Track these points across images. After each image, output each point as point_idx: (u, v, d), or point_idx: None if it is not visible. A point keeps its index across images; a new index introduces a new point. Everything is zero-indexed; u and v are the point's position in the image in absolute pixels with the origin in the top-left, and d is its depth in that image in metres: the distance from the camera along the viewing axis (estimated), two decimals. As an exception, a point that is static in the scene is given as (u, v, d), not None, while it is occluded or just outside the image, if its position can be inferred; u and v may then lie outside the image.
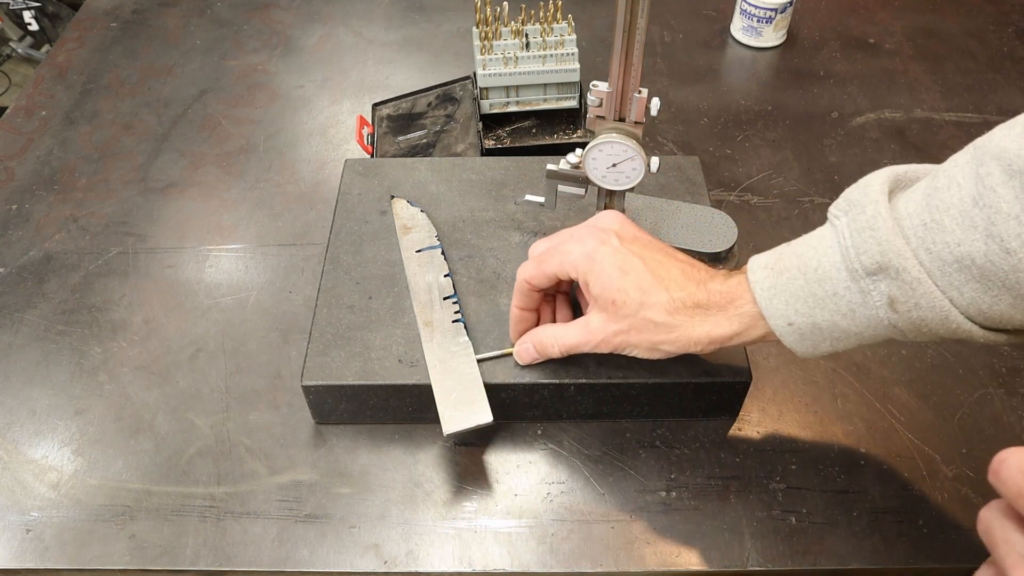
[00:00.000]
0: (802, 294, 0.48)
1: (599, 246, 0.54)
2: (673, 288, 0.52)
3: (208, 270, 0.76)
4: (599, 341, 0.54)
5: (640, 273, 0.52)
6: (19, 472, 0.62)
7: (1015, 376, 0.67)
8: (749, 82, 0.99)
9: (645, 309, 0.52)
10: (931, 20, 1.08)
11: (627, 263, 0.53)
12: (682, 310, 0.51)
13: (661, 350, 0.53)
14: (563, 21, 0.83)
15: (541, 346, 0.58)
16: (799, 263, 0.48)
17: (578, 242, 0.55)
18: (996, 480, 0.35)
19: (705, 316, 0.51)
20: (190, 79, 0.99)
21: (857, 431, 0.63)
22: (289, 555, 0.57)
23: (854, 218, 0.46)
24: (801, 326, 0.48)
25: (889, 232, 0.44)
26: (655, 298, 0.52)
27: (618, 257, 0.53)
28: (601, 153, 0.60)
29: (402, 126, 0.88)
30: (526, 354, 0.59)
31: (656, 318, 0.52)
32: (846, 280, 0.46)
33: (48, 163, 0.88)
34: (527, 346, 0.59)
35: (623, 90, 0.58)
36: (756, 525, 0.58)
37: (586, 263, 0.53)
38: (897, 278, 0.44)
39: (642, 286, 0.52)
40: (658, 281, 0.52)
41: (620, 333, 0.53)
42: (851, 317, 0.47)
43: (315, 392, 0.60)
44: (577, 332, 0.55)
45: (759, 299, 0.49)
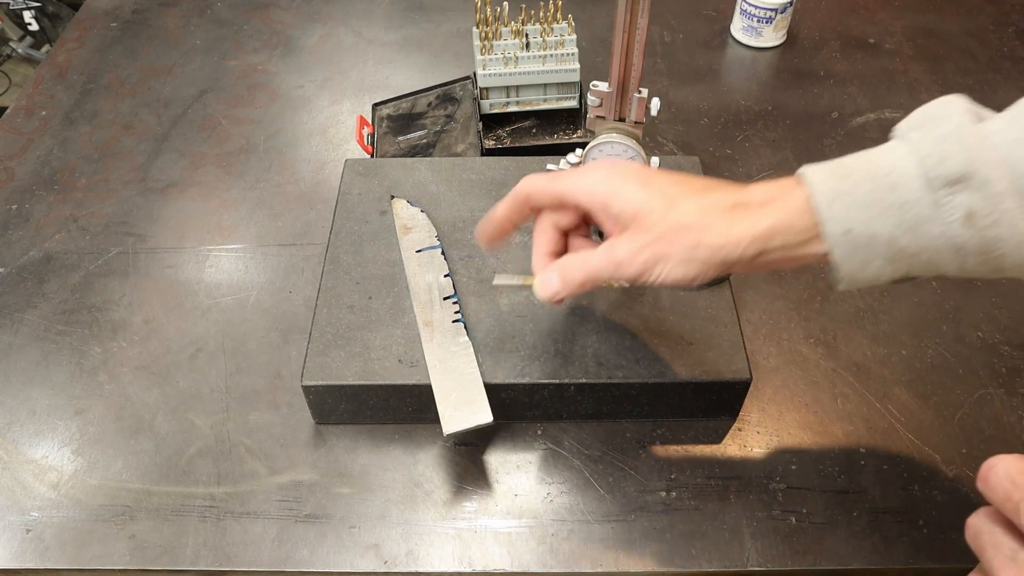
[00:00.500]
0: (869, 199, 0.42)
1: (611, 170, 0.49)
2: (703, 193, 0.47)
3: (208, 270, 0.76)
4: (622, 260, 0.47)
5: (664, 182, 0.48)
6: (19, 472, 0.62)
7: (1015, 376, 0.67)
8: (749, 82, 0.99)
9: (673, 213, 0.46)
10: (931, 20, 1.08)
11: (648, 177, 0.48)
12: (715, 210, 0.46)
13: (697, 259, 0.46)
14: (563, 21, 0.83)
15: (565, 274, 0.50)
16: (867, 167, 0.43)
17: (593, 169, 0.50)
18: (984, 486, 0.35)
19: (744, 214, 0.45)
20: (190, 79, 0.99)
21: (857, 431, 0.63)
22: (289, 555, 0.57)
23: (933, 129, 0.42)
24: (859, 236, 0.43)
25: (976, 141, 0.41)
26: (683, 202, 0.46)
27: (638, 174, 0.48)
28: (601, 153, 0.59)
29: (402, 126, 0.88)
30: (547, 285, 0.51)
31: (687, 220, 0.46)
32: (920, 190, 0.42)
33: (48, 163, 0.88)
34: (550, 275, 0.51)
35: (623, 90, 0.58)
36: (756, 525, 0.58)
37: (603, 185, 0.48)
38: (981, 190, 0.40)
39: (667, 192, 0.47)
40: (682, 189, 0.47)
41: (648, 245, 0.46)
42: (915, 232, 0.42)
43: (315, 392, 0.60)
44: (602, 256, 0.48)
45: (817, 201, 0.43)
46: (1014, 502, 0.34)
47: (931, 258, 0.43)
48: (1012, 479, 0.34)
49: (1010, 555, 0.34)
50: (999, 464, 0.35)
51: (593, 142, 0.59)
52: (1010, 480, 0.34)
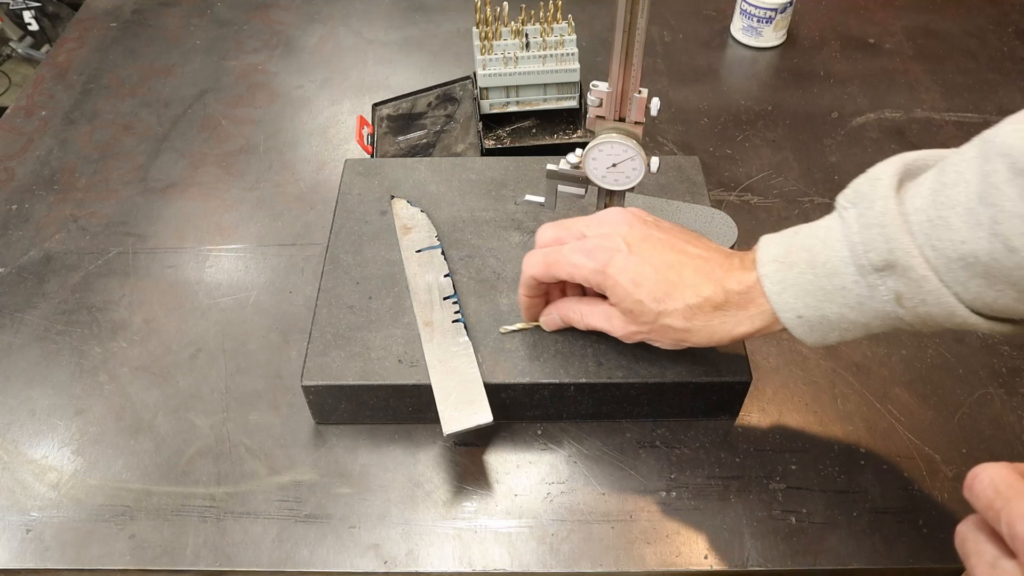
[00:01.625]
0: (811, 288, 0.48)
1: (610, 259, 0.53)
2: (688, 294, 0.52)
3: (208, 270, 0.76)
4: (622, 335, 0.56)
5: (653, 283, 0.52)
6: (19, 472, 0.62)
7: (1015, 376, 0.67)
8: (749, 82, 0.99)
9: (663, 318, 0.52)
10: (931, 20, 1.08)
11: (639, 274, 0.52)
12: (700, 314, 0.52)
13: (687, 344, 0.54)
14: (563, 21, 0.83)
15: (567, 319, 0.59)
16: (808, 257, 0.49)
17: (587, 255, 0.54)
18: (970, 494, 0.36)
19: (724, 316, 0.52)
20: (190, 79, 0.99)
21: (857, 431, 0.63)
22: (289, 555, 0.57)
23: (863, 212, 0.46)
24: (810, 319, 0.49)
25: (897, 230, 0.45)
26: (671, 306, 0.52)
27: (629, 269, 0.52)
28: (601, 153, 0.60)
29: (402, 126, 0.88)
30: (553, 324, 0.61)
31: (675, 324, 0.52)
32: (854, 275, 0.47)
33: (48, 163, 0.88)
34: (553, 316, 0.60)
35: (623, 90, 0.58)
36: (756, 525, 0.58)
37: (598, 278, 0.53)
38: (904, 275, 0.45)
39: (657, 296, 0.52)
40: (672, 288, 0.52)
41: (640, 334, 0.55)
42: (859, 310, 0.47)
43: (315, 392, 0.60)
44: (601, 320, 0.56)
45: (769, 294, 0.50)
46: (995, 510, 0.35)
47: (882, 324, 0.48)
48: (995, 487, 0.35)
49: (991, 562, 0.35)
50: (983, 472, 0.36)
51: (593, 142, 0.60)
52: (993, 488, 0.35)
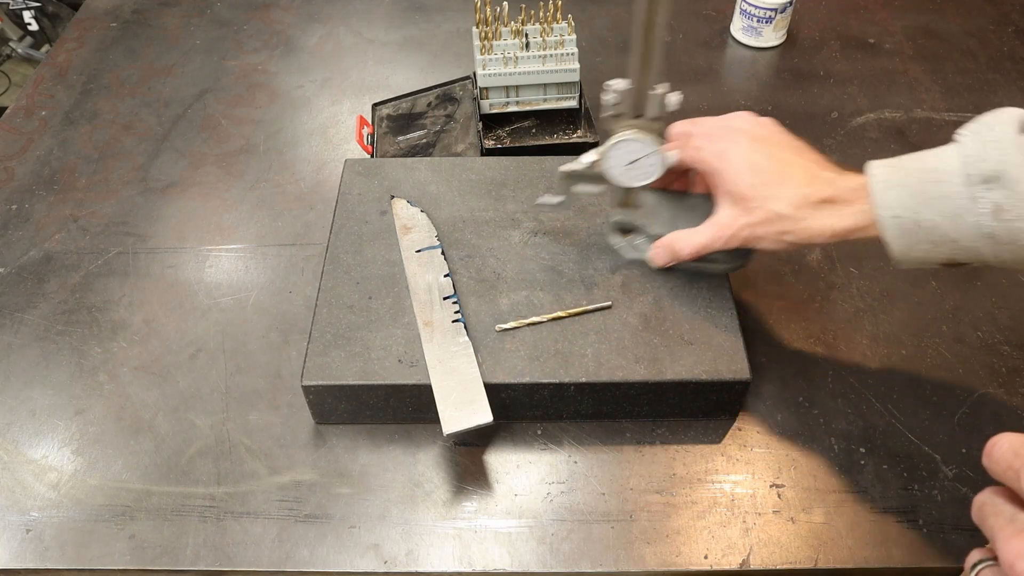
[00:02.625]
0: (915, 190, 0.51)
1: (731, 145, 0.58)
2: (801, 184, 0.55)
3: (208, 270, 0.76)
4: (729, 236, 0.58)
5: (768, 171, 0.56)
6: (19, 472, 0.62)
7: (1015, 376, 0.67)
8: (749, 82, 0.99)
9: (772, 203, 0.55)
10: (931, 20, 1.08)
11: (756, 162, 0.57)
12: (807, 204, 0.55)
13: (785, 241, 0.57)
14: (563, 21, 0.83)
15: (672, 249, 0.62)
16: (919, 165, 0.52)
17: (710, 140, 0.59)
18: (989, 460, 0.38)
19: (831, 210, 0.55)
20: (190, 79, 0.99)
21: (857, 431, 0.63)
22: (289, 555, 0.57)
23: (980, 133, 0.49)
24: (905, 221, 0.51)
25: (1012, 148, 0.48)
26: (782, 193, 0.55)
27: (748, 156, 0.57)
28: (619, 151, 0.61)
29: (402, 126, 0.88)
30: (659, 257, 0.64)
31: (783, 211, 0.55)
32: (960, 184, 0.49)
33: (48, 163, 0.88)
34: (659, 250, 0.63)
35: (641, 86, 0.58)
36: (756, 525, 0.58)
37: (717, 161, 0.58)
38: (1009, 188, 0.47)
39: (770, 182, 0.56)
40: (786, 178, 0.56)
41: (748, 226, 0.57)
42: (955, 221, 0.50)
43: (315, 392, 0.60)
44: (707, 230, 0.59)
45: (874, 190, 0.52)
46: (1015, 470, 0.36)
47: (970, 245, 0.50)
48: (1015, 451, 0.37)
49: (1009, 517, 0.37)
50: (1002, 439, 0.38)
51: (611, 140, 0.60)
52: (1012, 452, 0.37)
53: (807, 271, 0.75)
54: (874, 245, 0.77)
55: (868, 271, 0.75)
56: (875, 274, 0.75)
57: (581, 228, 0.69)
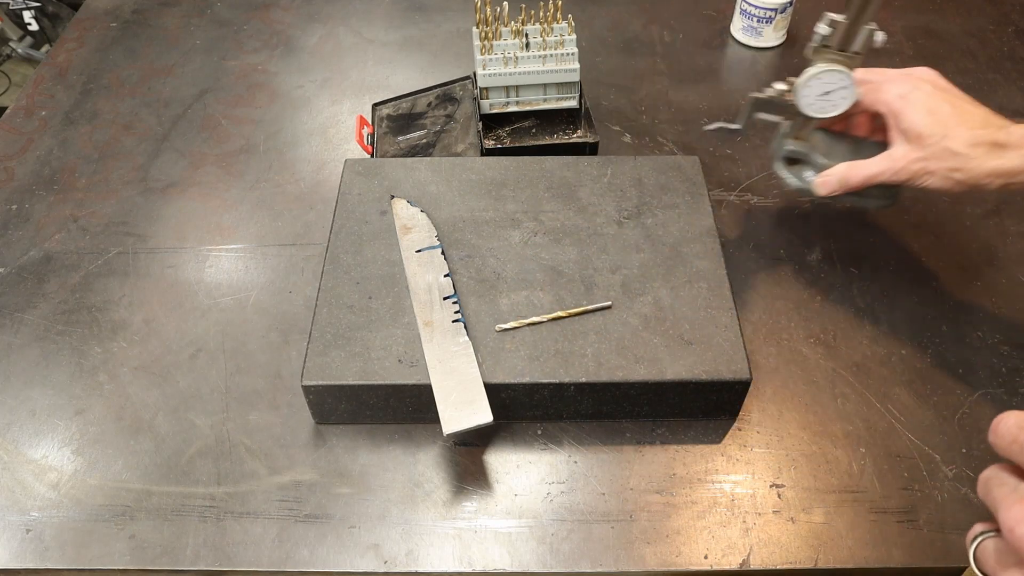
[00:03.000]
0: None
1: (912, 90, 0.62)
2: (975, 127, 0.60)
3: (208, 270, 0.76)
4: (900, 168, 0.62)
5: (947, 113, 0.60)
6: (19, 472, 0.62)
7: (1015, 376, 0.67)
8: (749, 82, 0.99)
9: (947, 140, 0.60)
10: (931, 20, 1.08)
11: (936, 105, 0.61)
12: (980, 145, 0.59)
13: (953, 179, 0.61)
14: (563, 21, 0.83)
15: (843, 176, 0.66)
16: None
17: (894, 83, 0.63)
18: (994, 436, 0.38)
19: (1001, 152, 0.59)
20: (190, 79, 0.99)
21: (857, 431, 0.63)
22: (289, 555, 0.57)
23: None
24: None
25: None
26: (957, 132, 0.59)
27: (929, 99, 0.61)
28: (818, 81, 0.66)
29: (402, 126, 0.88)
30: (827, 184, 0.67)
31: (956, 148, 0.59)
32: None
33: (48, 163, 0.88)
34: (831, 178, 0.67)
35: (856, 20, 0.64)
36: (756, 525, 0.58)
37: (899, 102, 0.62)
38: None
39: (947, 123, 0.60)
40: (962, 121, 0.60)
41: (920, 160, 0.61)
42: None
43: (315, 392, 0.60)
44: (880, 161, 0.64)
45: None
46: (1020, 443, 0.37)
47: None
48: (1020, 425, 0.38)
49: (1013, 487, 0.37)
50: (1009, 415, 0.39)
51: (812, 70, 0.66)
52: (1018, 427, 0.38)
53: (807, 271, 0.75)
54: (874, 245, 0.77)
55: (868, 271, 0.75)
56: (875, 274, 0.75)
57: (581, 228, 0.69)
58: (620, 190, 0.73)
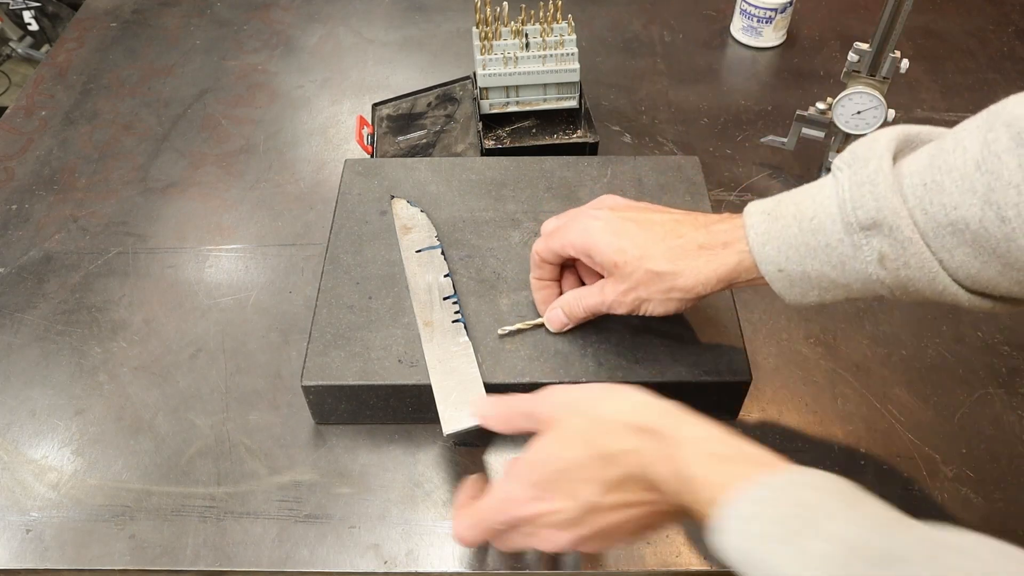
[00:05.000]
0: (795, 243, 0.48)
1: (592, 221, 0.56)
2: (669, 237, 0.53)
3: (208, 270, 0.76)
4: (612, 302, 0.56)
5: (633, 233, 0.54)
6: (19, 472, 0.62)
7: (1015, 376, 0.67)
8: (749, 82, 0.99)
9: (646, 262, 0.53)
10: (931, 20, 1.08)
11: (619, 227, 0.54)
12: (683, 255, 0.52)
13: (674, 299, 0.53)
14: (563, 21, 0.83)
15: (568, 308, 0.60)
16: (795, 211, 0.48)
17: (574, 221, 0.57)
18: None
19: (709, 257, 0.52)
20: (190, 79, 0.99)
21: (857, 431, 0.63)
22: (289, 555, 0.57)
23: (855, 171, 0.46)
24: (791, 273, 0.49)
25: (887, 189, 0.44)
26: (653, 250, 0.53)
27: (610, 224, 0.55)
28: (851, 101, 0.77)
29: (402, 126, 0.88)
30: (556, 320, 0.61)
31: (658, 268, 0.52)
32: (840, 232, 0.46)
33: (48, 163, 0.88)
34: (556, 311, 0.60)
35: (882, 50, 0.74)
36: (756, 525, 0.58)
37: (582, 237, 0.55)
38: (890, 235, 0.44)
39: (637, 243, 0.53)
40: (652, 235, 0.53)
41: (630, 291, 0.54)
42: (841, 269, 0.47)
43: (315, 392, 0.60)
44: (595, 294, 0.57)
45: (752, 244, 0.50)
46: None
47: (863, 288, 0.48)
48: None
49: None
50: None
51: (845, 92, 0.76)
52: None
53: (807, 271, 0.75)
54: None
55: (868, 271, 0.75)
56: (875, 274, 0.75)
57: (581, 228, 0.69)
58: (620, 190, 0.73)
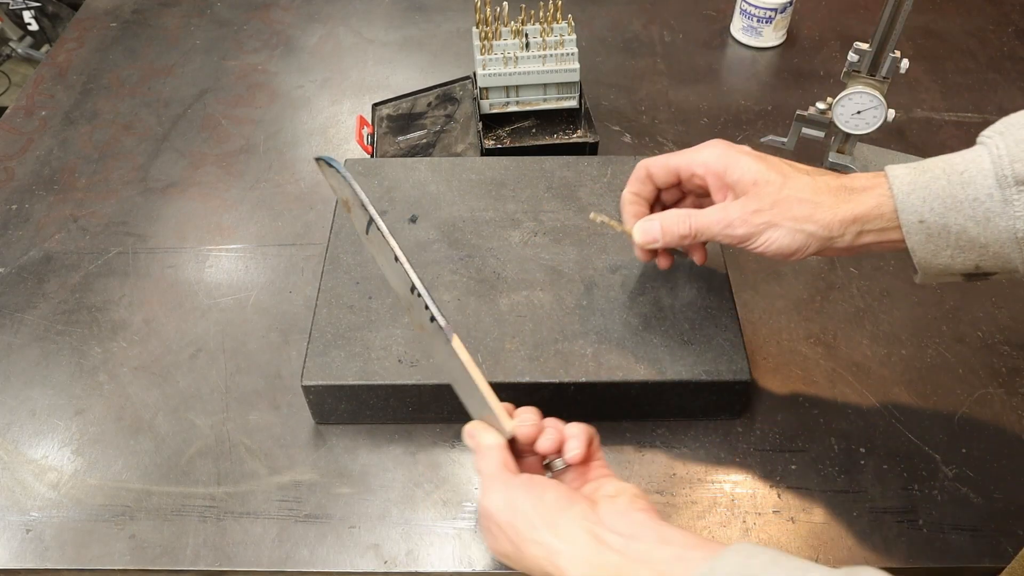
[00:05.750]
0: (942, 194, 0.48)
1: (731, 147, 0.54)
2: (814, 174, 0.52)
3: (208, 270, 0.76)
4: (736, 219, 0.52)
5: (776, 163, 0.53)
6: (19, 472, 0.62)
7: (1015, 376, 0.67)
8: (749, 82, 0.99)
9: (788, 188, 0.51)
10: (931, 20, 1.08)
11: (762, 156, 0.53)
12: (825, 190, 0.51)
13: (805, 231, 0.51)
14: (563, 21, 0.83)
15: (668, 224, 0.55)
16: (945, 166, 0.48)
17: (709, 146, 0.55)
18: None
19: (848, 196, 0.50)
20: (190, 79, 0.99)
21: (857, 431, 0.63)
22: (289, 555, 0.57)
23: (1012, 133, 0.47)
24: (931, 226, 0.48)
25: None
26: (797, 178, 0.51)
27: (753, 153, 0.53)
28: (850, 101, 0.76)
29: (402, 126, 0.88)
30: (649, 232, 0.56)
31: (801, 194, 0.51)
32: (991, 187, 0.46)
33: (48, 163, 0.88)
34: (653, 223, 0.56)
35: (882, 49, 0.73)
36: (756, 525, 0.58)
37: (722, 156, 0.53)
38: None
39: (783, 171, 0.52)
40: (795, 167, 0.53)
41: (762, 212, 0.51)
42: (984, 225, 0.47)
43: (315, 392, 0.60)
44: (713, 211, 0.54)
45: (896, 192, 0.49)
46: None
47: (999, 251, 0.48)
48: None
49: None
50: None
51: (845, 91, 0.75)
52: None
53: (807, 271, 0.75)
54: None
55: (868, 271, 0.75)
56: (875, 274, 0.75)
57: (581, 228, 0.69)
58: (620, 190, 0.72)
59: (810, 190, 0.51)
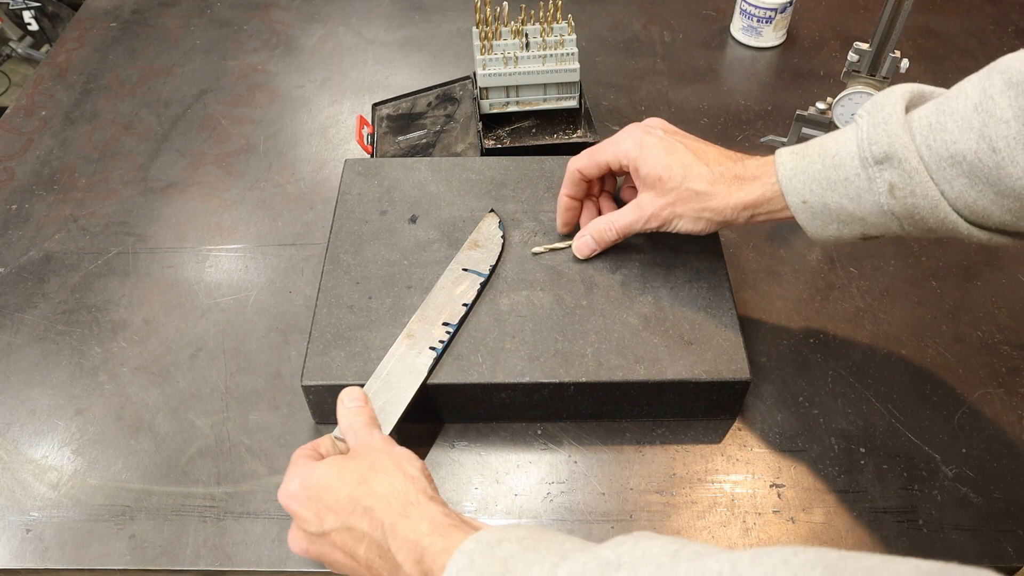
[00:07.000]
0: (818, 177, 0.54)
1: (646, 136, 0.61)
2: (712, 163, 0.59)
3: (208, 270, 0.76)
4: (649, 215, 0.61)
5: (683, 153, 0.59)
6: (19, 472, 0.62)
7: (1015, 376, 0.67)
8: (749, 82, 0.99)
9: (688, 181, 0.58)
10: (931, 20, 1.08)
11: (671, 147, 0.60)
12: (721, 180, 0.58)
13: (704, 218, 0.59)
14: (563, 21, 0.83)
15: (599, 233, 0.65)
16: (820, 151, 0.55)
17: (627, 135, 0.62)
18: None
19: (741, 185, 0.58)
20: (190, 79, 0.99)
21: (857, 431, 0.63)
22: (289, 555, 0.57)
23: (873, 115, 0.52)
24: (813, 205, 0.55)
25: (898, 128, 0.51)
26: (697, 171, 0.59)
27: (663, 143, 0.60)
28: (850, 101, 0.76)
29: (402, 126, 0.88)
30: (585, 246, 0.66)
31: (698, 188, 0.58)
32: (857, 167, 0.52)
33: (48, 163, 0.88)
34: (586, 238, 0.65)
35: (882, 49, 0.74)
36: (756, 525, 0.58)
37: (635, 149, 0.61)
38: (899, 167, 0.50)
39: (685, 162, 0.59)
40: (699, 158, 0.59)
41: (667, 206, 0.60)
42: (857, 201, 0.53)
43: (315, 392, 0.60)
44: (629, 212, 0.62)
45: (780, 177, 0.56)
46: None
47: (875, 222, 0.53)
48: None
49: None
50: None
51: (845, 92, 0.76)
52: None
53: (807, 271, 0.75)
54: (874, 245, 0.77)
55: (868, 271, 0.75)
56: (875, 274, 0.75)
57: (581, 228, 0.69)
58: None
59: (706, 182, 0.58)
